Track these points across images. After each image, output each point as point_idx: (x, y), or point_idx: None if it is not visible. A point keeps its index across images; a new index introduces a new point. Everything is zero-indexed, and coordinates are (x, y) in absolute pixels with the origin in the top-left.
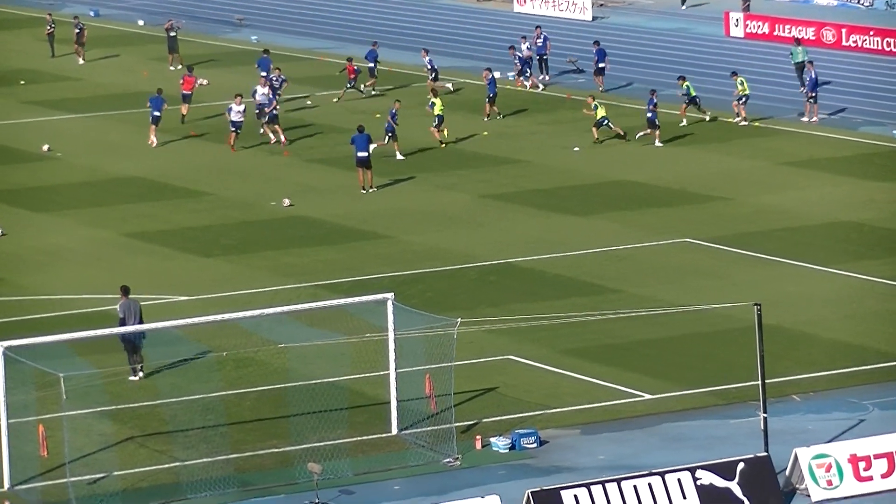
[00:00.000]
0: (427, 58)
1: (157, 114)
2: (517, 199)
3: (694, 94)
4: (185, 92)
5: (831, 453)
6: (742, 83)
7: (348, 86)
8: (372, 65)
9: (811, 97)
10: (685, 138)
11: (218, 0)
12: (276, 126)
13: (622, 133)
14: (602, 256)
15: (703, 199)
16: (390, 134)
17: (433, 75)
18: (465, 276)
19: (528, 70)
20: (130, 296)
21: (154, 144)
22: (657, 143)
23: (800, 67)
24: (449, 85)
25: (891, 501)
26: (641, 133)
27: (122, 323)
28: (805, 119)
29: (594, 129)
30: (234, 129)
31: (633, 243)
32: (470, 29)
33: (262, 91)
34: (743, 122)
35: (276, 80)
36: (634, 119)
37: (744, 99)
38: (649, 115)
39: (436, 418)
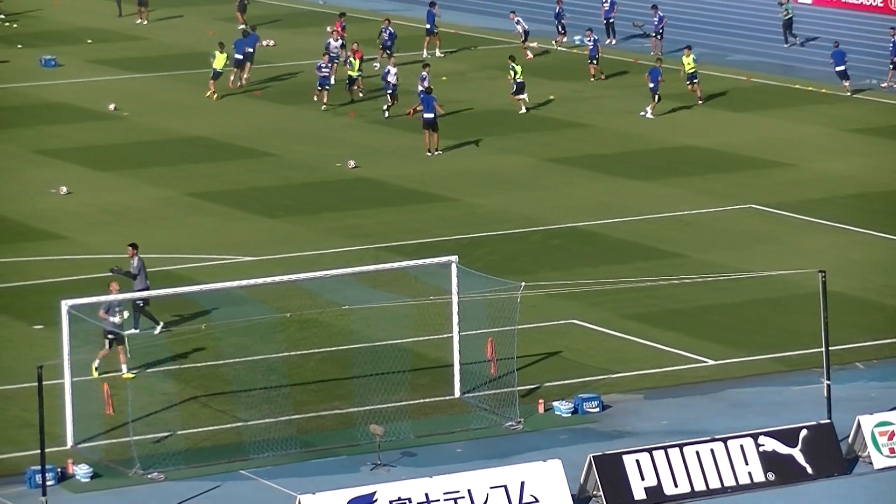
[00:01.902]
0: (516, 19)
1: (239, 57)
2: (582, 164)
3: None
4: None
5: (894, 421)
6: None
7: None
8: (429, 26)
9: (894, 62)
10: (750, 104)
11: None
12: (326, 90)
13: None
14: (666, 221)
15: (767, 165)
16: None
17: (524, 38)
18: (528, 239)
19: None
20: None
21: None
22: (649, 115)
23: (786, 24)
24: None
25: None
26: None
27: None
28: (885, 85)
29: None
30: (322, 87)
31: (698, 209)
32: None
33: (333, 44)
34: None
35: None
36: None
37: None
38: (652, 85)
39: (498, 382)
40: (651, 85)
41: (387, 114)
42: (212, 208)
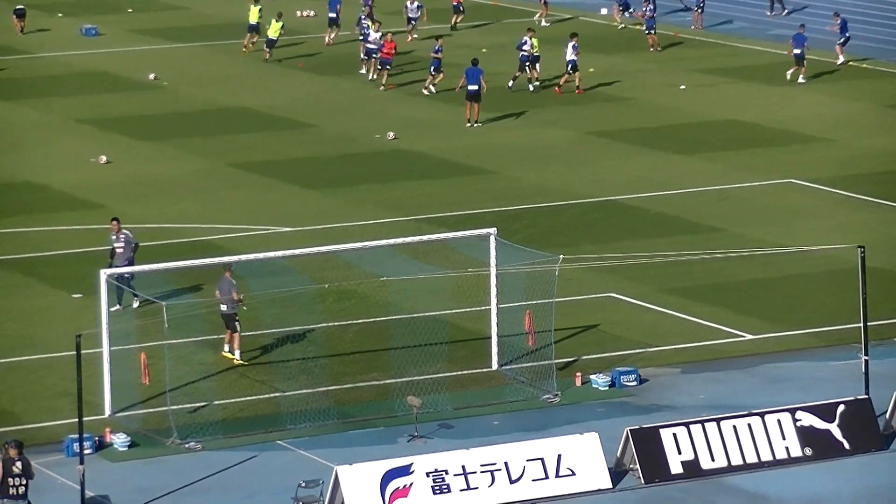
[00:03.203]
0: None
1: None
2: (621, 137)
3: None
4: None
5: None
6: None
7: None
8: (456, 3)
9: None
10: (786, 78)
11: None
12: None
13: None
14: (705, 195)
15: (807, 140)
16: (433, 69)
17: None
18: (567, 212)
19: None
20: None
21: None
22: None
23: None
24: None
25: None
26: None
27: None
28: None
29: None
30: (367, 56)
31: (737, 183)
32: None
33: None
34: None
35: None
36: (731, 59)
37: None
38: (797, 51)
39: (536, 354)
40: (797, 51)
41: (433, 89)
42: (252, 179)
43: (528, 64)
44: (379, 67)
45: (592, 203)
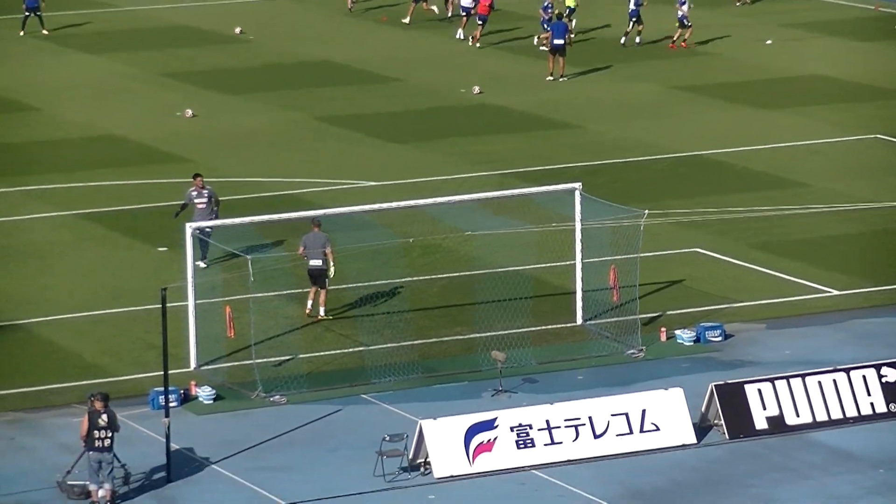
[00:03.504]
0: None
1: None
2: (708, 92)
3: None
4: None
5: None
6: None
7: None
8: None
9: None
10: (877, 34)
11: None
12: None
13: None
14: (792, 151)
15: (893, 96)
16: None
17: None
18: (653, 167)
19: None
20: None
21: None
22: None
23: None
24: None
25: None
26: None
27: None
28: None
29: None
30: (464, 13)
31: (824, 138)
32: None
33: None
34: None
35: None
36: (819, 14)
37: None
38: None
39: (620, 309)
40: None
41: (535, 41)
42: (337, 133)
43: (634, 19)
44: (479, 23)
45: (678, 158)
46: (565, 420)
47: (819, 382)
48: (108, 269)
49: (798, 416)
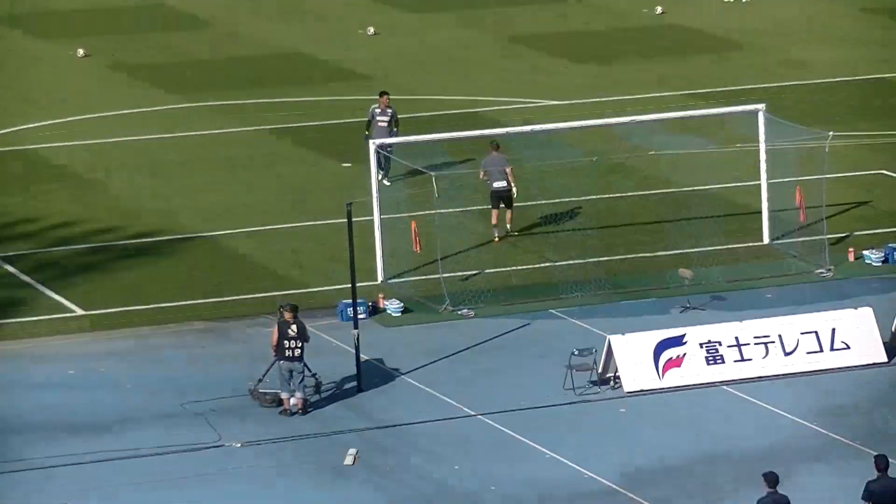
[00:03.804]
0: None
1: None
2: None
3: None
4: None
5: None
6: None
7: None
8: None
9: None
10: None
11: None
12: None
13: None
14: None
15: None
16: None
17: None
18: (840, 90)
19: None
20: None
21: None
22: None
23: None
24: None
25: None
26: None
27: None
28: None
29: None
30: None
31: None
32: None
33: None
34: None
35: None
36: None
37: None
38: None
39: (807, 229)
40: None
41: None
42: (520, 51)
43: None
44: None
45: (865, 80)
46: (755, 337)
47: None
48: (294, 184)
49: None
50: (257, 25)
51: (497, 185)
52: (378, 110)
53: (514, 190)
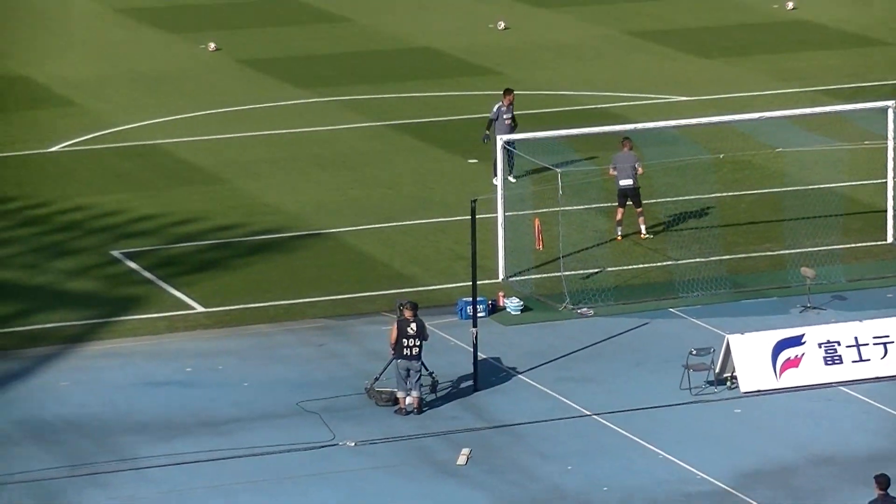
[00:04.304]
0: None
1: None
2: None
3: None
4: None
5: None
6: None
7: None
8: None
9: None
10: None
11: None
12: None
13: None
14: None
15: None
16: None
17: None
18: None
19: None
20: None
21: None
22: None
23: None
24: None
25: None
26: None
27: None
28: None
29: None
30: None
31: None
32: None
33: None
34: None
35: None
36: None
37: None
38: None
39: None
40: None
41: None
42: (648, 47)
43: None
44: None
45: None
46: (874, 337)
47: None
48: (417, 180)
49: None
50: (386, 20)
51: (624, 182)
52: (504, 108)
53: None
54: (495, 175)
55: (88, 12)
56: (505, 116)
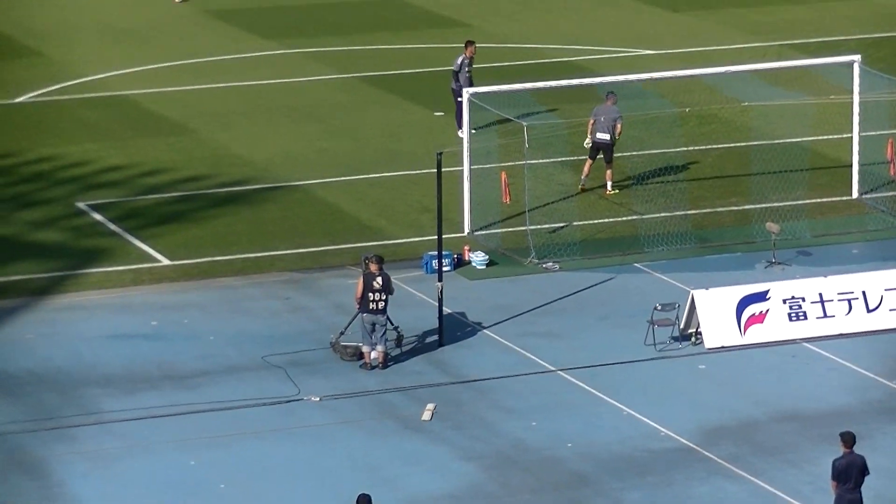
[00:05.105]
0: None
1: None
2: None
3: None
4: None
5: None
6: None
7: None
8: None
9: None
10: None
11: None
12: None
13: None
14: None
15: None
16: None
17: None
18: None
19: None
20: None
21: None
22: None
23: None
24: None
25: None
26: None
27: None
28: None
29: None
30: None
31: None
32: None
33: None
34: None
35: None
36: None
37: None
38: None
39: None
40: None
41: None
42: (616, 0)
43: None
44: None
45: None
46: (838, 293)
47: None
48: (385, 132)
49: None
50: None
51: (601, 135)
52: (466, 60)
53: (614, 143)
54: (459, 128)
55: None
56: (466, 69)
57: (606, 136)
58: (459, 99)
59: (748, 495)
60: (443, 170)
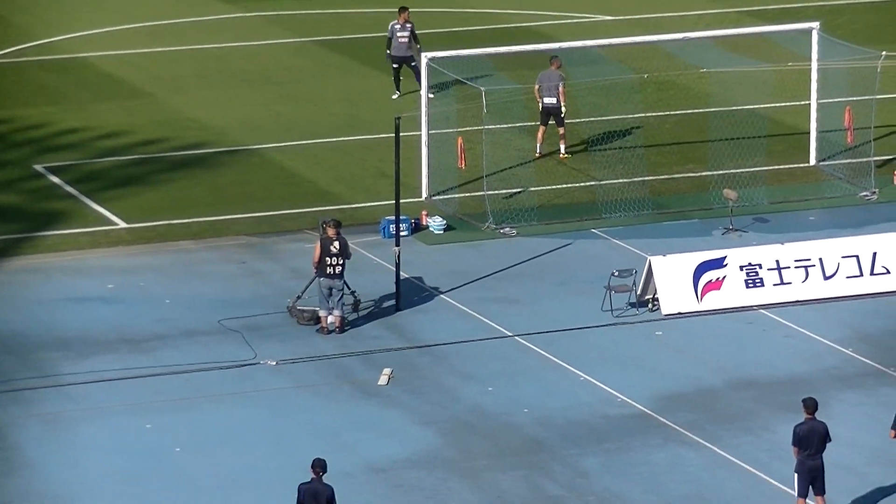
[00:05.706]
0: None
1: None
2: None
3: None
4: None
5: None
6: None
7: None
8: None
9: None
10: None
11: None
12: None
13: None
14: None
15: None
16: None
17: None
18: (893, 9)
19: None
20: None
21: None
22: None
23: None
24: None
25: None
26: None
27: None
28: None
29: None
30: None
31: None
32: None
33: None
34: None
35: None
36: None
37: None
38: None
39: (855, 151)
40: None
41: None
42: None
43: None
44: None
45: None
46: (795, 260)
47: None
48: (343, 97)
49: None
50: None
51: (548, 100)
52: (398, 26)
53: (564, 108)
54: (397, 91)
55: None
56: (399, 35)
57: (553, 101)
58: (395, 66)
59: (705, 462)
60: (401, 134)
